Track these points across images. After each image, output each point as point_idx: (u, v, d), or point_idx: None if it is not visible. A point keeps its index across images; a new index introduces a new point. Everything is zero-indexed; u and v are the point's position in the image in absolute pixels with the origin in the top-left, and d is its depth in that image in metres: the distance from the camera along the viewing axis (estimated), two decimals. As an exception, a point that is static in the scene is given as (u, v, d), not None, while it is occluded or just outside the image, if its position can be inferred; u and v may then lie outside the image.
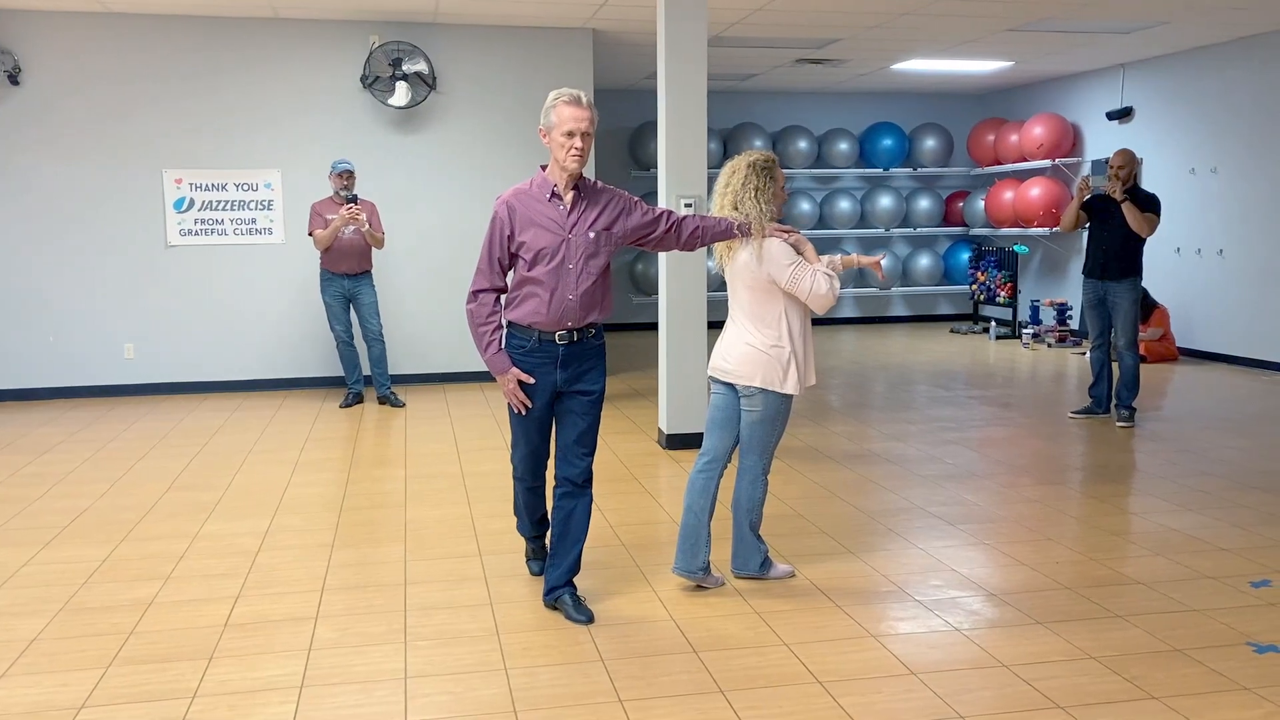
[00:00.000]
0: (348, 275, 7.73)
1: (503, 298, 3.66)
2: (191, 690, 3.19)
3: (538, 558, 4.15)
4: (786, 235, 3.85)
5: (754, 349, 3.84)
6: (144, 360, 8.50)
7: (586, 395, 3.68)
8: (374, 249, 7.82)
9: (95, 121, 8.23)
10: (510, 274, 3.67)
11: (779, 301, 3.83)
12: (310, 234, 7.64)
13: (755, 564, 4.07)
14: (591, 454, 3.74)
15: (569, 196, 3.58)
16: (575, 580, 3.81)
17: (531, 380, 3.59)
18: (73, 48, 8.13)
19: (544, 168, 3.63)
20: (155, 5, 7.90)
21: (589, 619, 3.69)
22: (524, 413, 3.65)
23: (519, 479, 3.93)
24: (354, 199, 7.53)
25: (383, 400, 8.01)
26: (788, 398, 3.89)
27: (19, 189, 8.15)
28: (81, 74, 8.17)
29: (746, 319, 3.88)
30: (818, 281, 3.77)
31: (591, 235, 3.58)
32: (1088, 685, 3.17)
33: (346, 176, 7.59)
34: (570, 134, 3.47)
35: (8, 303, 8.22)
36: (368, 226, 7.53)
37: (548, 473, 3.89)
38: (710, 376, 4.06)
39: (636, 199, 3.74)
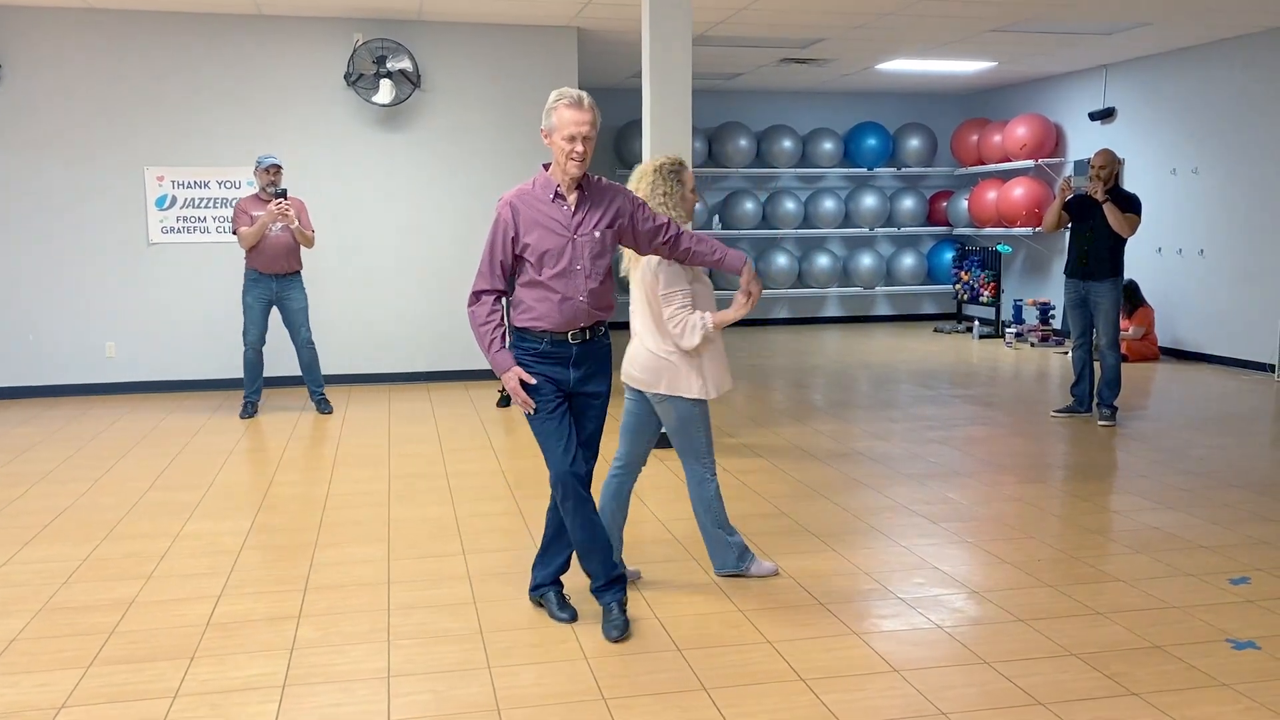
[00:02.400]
0: (276, 276, 7.30)
1: (504, 299, 3.56)
2: (173, 690, 3.17)
3: (620, 611, 3.60)
4: (744, 301, 3.71)
5: (656, 355, 3.80)
6: (125, 359, 8.45)
7: (595, 398, 3.62)
8: (304, 248, 7.44)
9: (76, 118, 8.17)
10: (513, 277, 3.58)
11: None
12: (234, 232, 7.23)
13: (732, 559, 4.07)
14: (595, 457, 3.69)
15: (573, 197, 3.51)
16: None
17: (533, 381, 3.52)
18: (54, 44, 8.07)
19: (546, 167, 3.56)
20: (138, 1, 7.84)
21: (572, 617, 3.68)
22: (533, 412, 3.53)
23: (564, 498, 3.57)
24: (283, 194, 7.18)
25: (319, 405, 7.62)
26: (699, 401, 3.84)
27: (-1, 186, 8.10)
28: (62, 71, 8.11)
29: (646, 327, 3.84)
30: (691, 333, 3.72)
31: (597, 235, 3.51)
32: (1069, 682, 3.19)
33: (274, 171, 7.23)
34: (571, 138, 3.41)
35: (-13, 301, 8.17)
36: (297, 224, 7.18)
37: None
38: (624, 383, 3.99)
39: (640, 201, 3.65)
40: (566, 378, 3.57)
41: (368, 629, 3.63)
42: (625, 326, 4.17)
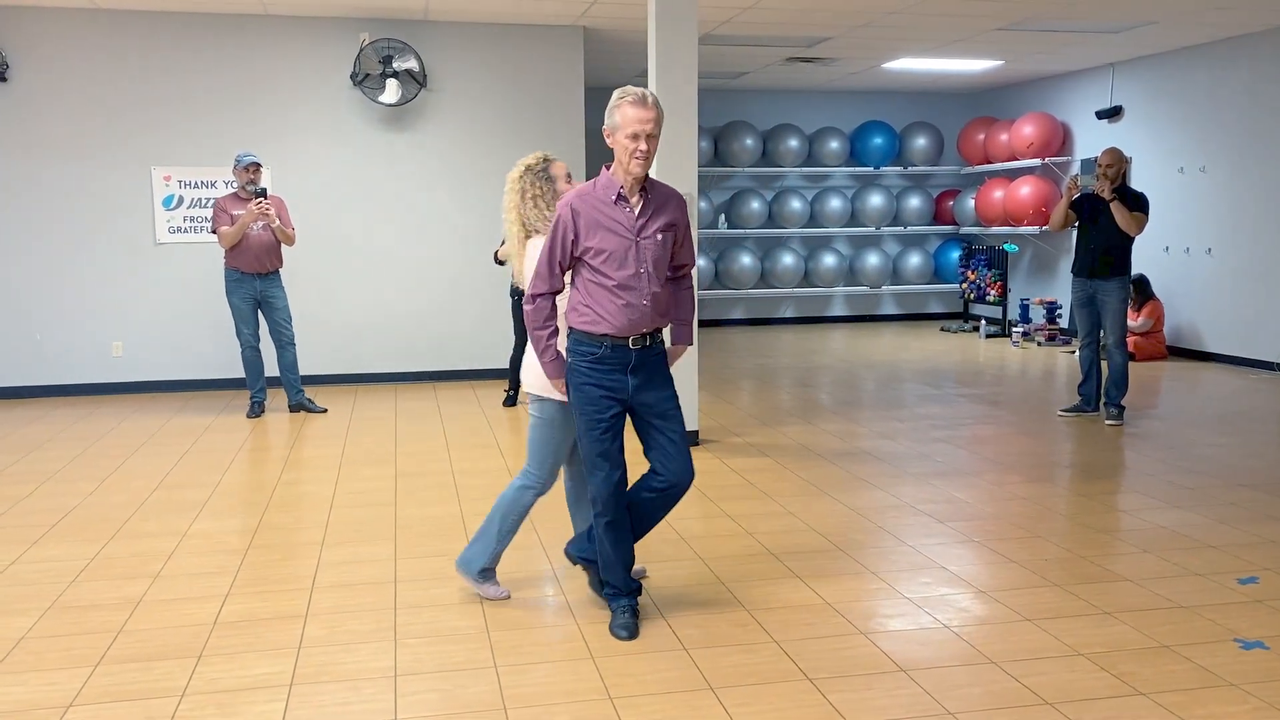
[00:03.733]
0: (258, 275, 7.29)
1: (560, 301, 3.55)
2: (180, 688, 3.18)
3: (632, 615, 3.61)
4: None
5: (533, 356, 3.67)
6: (132, 358, 8.47)
7: (664, 394, 3.54)
8: (284, 246, 7.43)
9: (84, 118, 8.19)
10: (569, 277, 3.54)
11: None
12: (214, 231, 7.23)
13: (476, 569, 3.86)
14: (686, 452, 3.58)
15: (636, 199, 3.44)
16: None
17: (565, 399, 3.55)
18: (61, 44, 8.09)
19: (608, 168, 3.48)
20: (145, 1, 7.86)
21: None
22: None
23: (601, 514, 3.55)
24: (262, 193, 7.15)
25: (296, 408, 7.60)
26: (564, 406, 3.67)
27: (6, 186, 8.11)
28: (70, 71, 8.13)
29: None
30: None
31: (659, 238, 3.45)
32: (1076, 682, 3.18)
33: (254, 169, 7.19)
34: (634, 136, 3.33)
35: (-5, 300, 8.20)
36: (277, 222, 7.18)
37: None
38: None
39: (686, 222, 3.57)
40: (625, 385, 3.47)
41: (374, 628, 3.63)
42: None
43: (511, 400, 7.85)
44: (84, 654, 3.43)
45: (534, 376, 3.70)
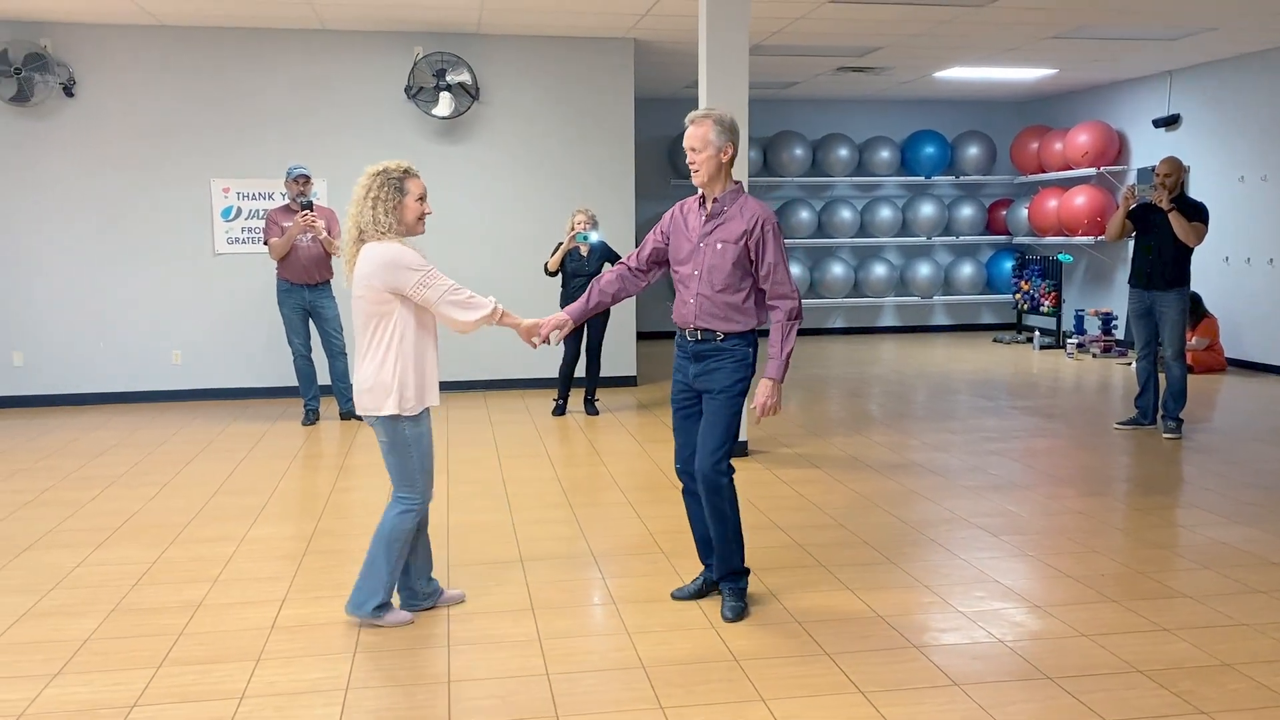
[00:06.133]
0: (308, 286, 7.42)
1: (631, 271, 3.97)
2: (239, 691, 3.24)
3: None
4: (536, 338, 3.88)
5: (374, 373, 3.59)
6: (191, 366, 8.65)
7: (708, 392, 3.77)
8: (334, 258, 7.45)
9: (146, 132, 8.39)
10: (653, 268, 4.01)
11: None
12: (265, 242, 7.40)
13: (372, 606, 3.69)
14: (713, 452, 3.72)
15: (709, 207, 3.77)
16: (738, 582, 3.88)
17: (549, 334, 3.93)
18: (125, 60, 8.30)
19: None
20: (205, 17, 8.05)
21: (730, 617, 3.79)
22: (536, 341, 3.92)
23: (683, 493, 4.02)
24: (308, 205, 7.23)
25: (347, 416, 7.66)
26: (407, 419, 3.62)
27: (72, 198, 8.33)
28: (133, 85, 8.34)
29: (368, 342, 3.62)
30: (479, 307, 3.63)
31: (719, 247, 3.71)
32: (1135, 699, 3.13)
33: (303, 181, 7.28)
34: (688, 151, 3.74)
35: (61, 310, 8.40)
36: (325, 234, 7.26)
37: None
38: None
39: (772, 237, 3.67)
40: (687, 371, 3.83)
41: (429, 634, 3.67)
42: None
43: (561, 410, 7.90)
44: (147, 655, 3.51)
45: (370, 397, 3.58)
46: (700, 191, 3.82)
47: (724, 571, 3.87)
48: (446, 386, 8.96)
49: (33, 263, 8.33)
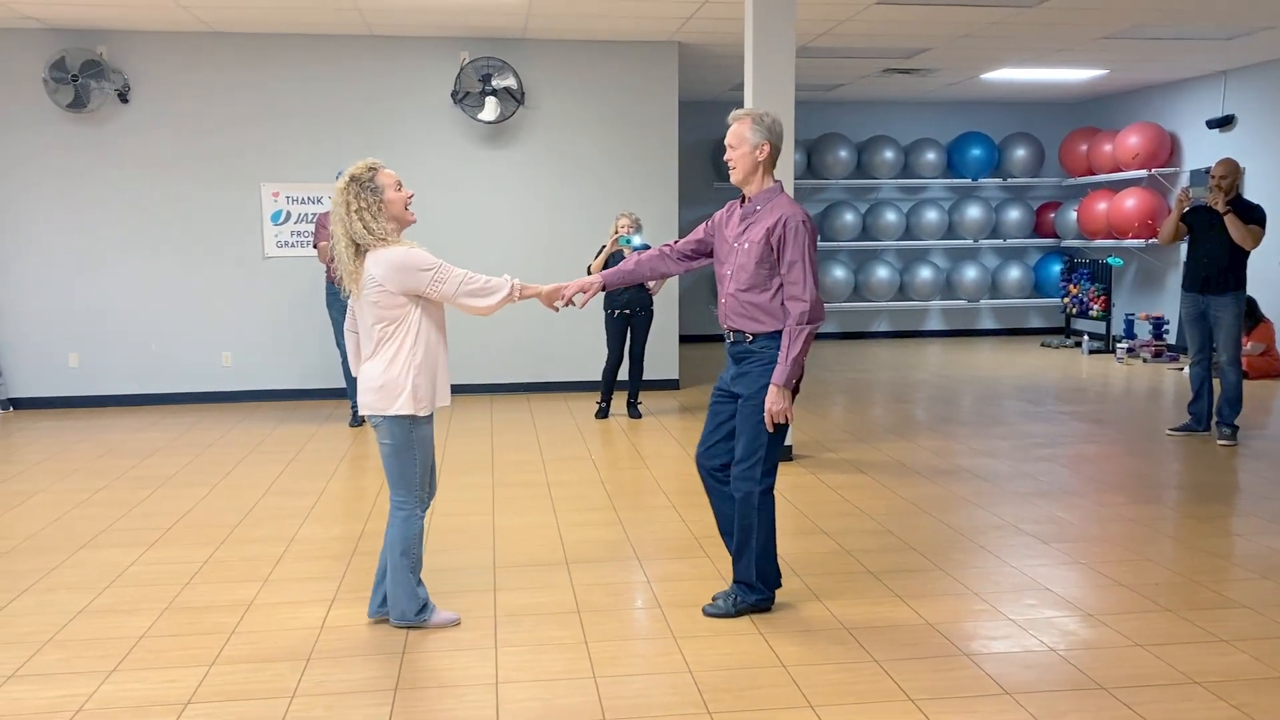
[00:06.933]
0: None
1: (672, 253, 3.99)
2: (290, 690, 3.27)
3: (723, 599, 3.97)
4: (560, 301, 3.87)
5: (382, 372, 3.59)
6: (240, 368, 8.77)
7: (741, 397, 3.75)
8: None
9: (198, 137, 8.53)
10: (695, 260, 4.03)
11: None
12: (314, 246, 7.55)
13: (414, 610, 3.72)
14: (744, 461, 3.73)
15: (745, 207, 3.78)
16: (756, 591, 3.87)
17: (574, 296, 3.89)
18: (177, 66, 8.44)
19: None
20: (255, 24, 8.16)
21: (706, 610, 3.86)
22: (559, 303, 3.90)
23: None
24: None
25: None
26: (413, 419, 3.61)
27: (126, 203, 8.49)
28: (185, 91, 8.48)
29: (375, 342, 3.62)
30: (498, 291, 3.67)
31: (746, 246, 3.70)
32: (1191, 711, 3.07)
33: None
34: (727, 147, 3.76)
35: (114, 312, 8.56)
36: None
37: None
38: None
39: (797, 235, 3.62)
40: (727, 373, 3.85)
41: (476, 635, 3.69)
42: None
43: (604, 413, 7.90)
44: (199, 654, 3.56)
45: (378, 396, 3.57)
46: (742, 193, 3.82)
47: (735, 575, 3.88)
48: (490, 389, 9.02)
49: (88, 266, 8.49)
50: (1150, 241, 11.13)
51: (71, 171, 8.40)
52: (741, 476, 3.75)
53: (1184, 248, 7.00)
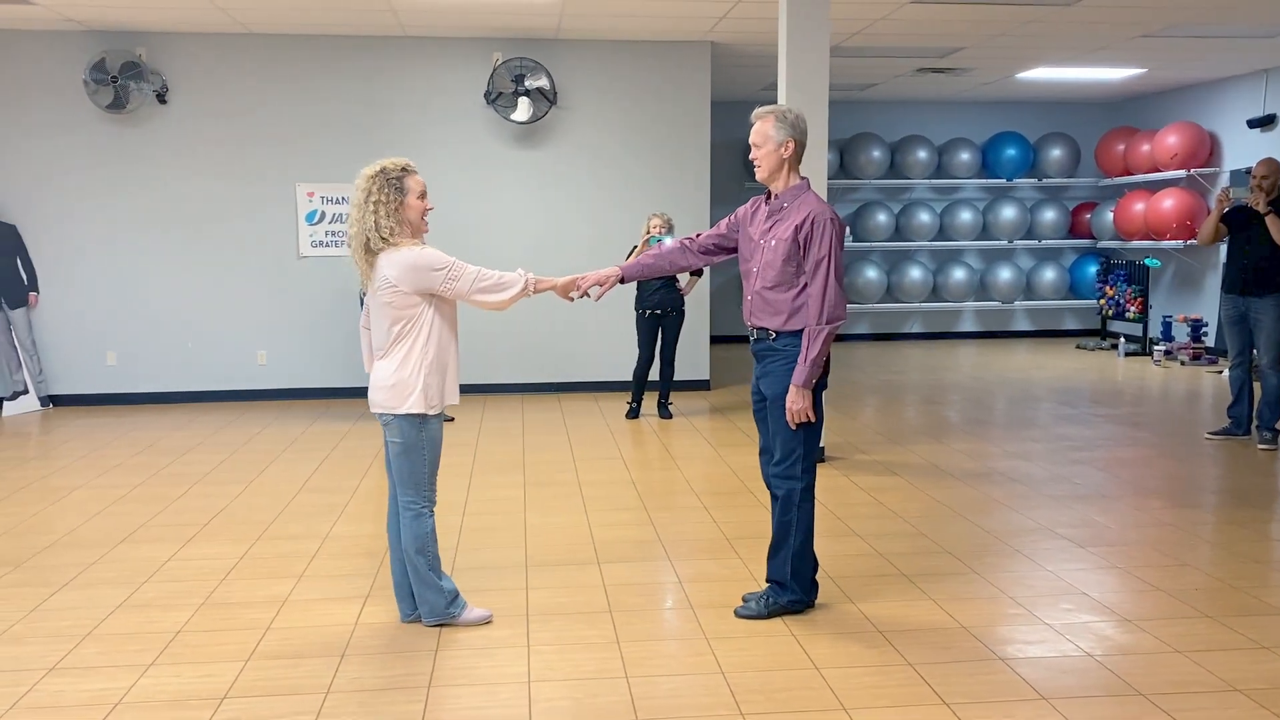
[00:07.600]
0: None
1: (693, 246, 3.97)
2: (325, 686, 3.29)
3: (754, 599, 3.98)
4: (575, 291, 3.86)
5: (393, 371, 3.63)
6: (275, 366, 8.85)
7: (771, 393, 3.75)
8: None
9: (234, 137, 8.62)
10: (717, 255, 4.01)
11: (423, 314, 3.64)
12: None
13: (443, 605, 3.72)
14: (783, 461, 3.73)
15: (771, 204, 3.77)
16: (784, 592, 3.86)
17: (588, 289, 3.88)
18: (214, 67, 8.53)
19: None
20: (291, 25, 8.23)
21: (738, 612, 3.83)
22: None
23: None
24: None
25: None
26: (423, 418, 3.63)
27: (162, 202, 8.59)
28: (222, 92, 8.57)
29: (385, 340, 3.66)
30: (512, 285, 3.75)
31: (772, 243, 3.69)
32: (1233, 719, 3.02)
33: None
34: (752, 145, 3.76)
35: (150, 311, 8.66)
36: None
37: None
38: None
39: (824, 232, 3.60)
40: (756, 369, 3.84)
41: (508, 633, 3.70)
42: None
43: (634, 413, 7.91)
44: (235, 649, 3.59)
45: (388, 394, 3.59)
46: (768, 190, 3.80)
47: (769, 573, 3.88)
48: (522, 388, 9.04)
49: (125, 265, 8.60)
50: (1189, 242, 10.99)
51: (110, 171, 8.51)
52: (782, 475, 3.75)
53: (1223, 249, 6.90)
